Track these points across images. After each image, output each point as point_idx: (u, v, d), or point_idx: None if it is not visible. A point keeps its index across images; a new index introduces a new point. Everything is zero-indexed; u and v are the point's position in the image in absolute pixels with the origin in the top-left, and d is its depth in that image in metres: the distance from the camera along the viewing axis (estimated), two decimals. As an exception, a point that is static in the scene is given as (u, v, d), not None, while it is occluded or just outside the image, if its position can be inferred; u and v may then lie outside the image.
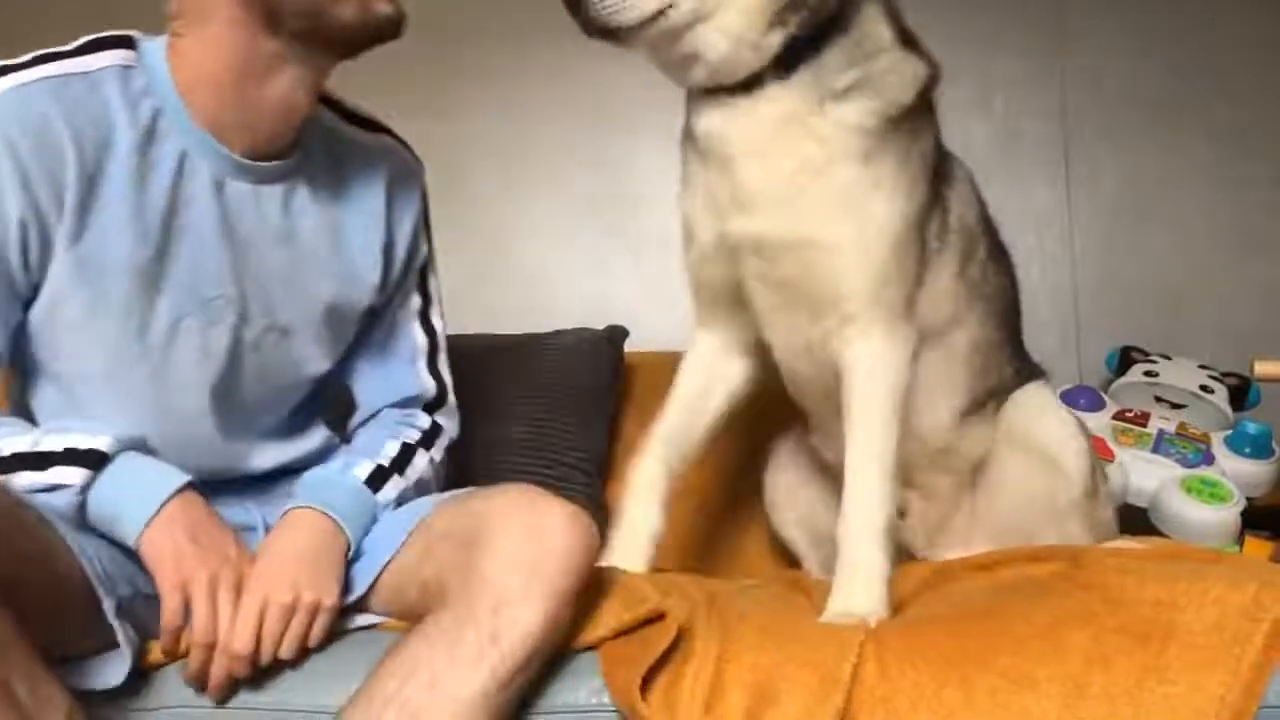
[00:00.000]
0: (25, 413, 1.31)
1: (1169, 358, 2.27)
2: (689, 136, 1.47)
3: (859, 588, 1.34)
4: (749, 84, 1.38)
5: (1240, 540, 1.93)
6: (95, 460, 1.18)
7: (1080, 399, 2.16)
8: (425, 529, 1.26)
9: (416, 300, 1.51)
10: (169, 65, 1.27)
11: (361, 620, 1.28)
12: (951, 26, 2.55)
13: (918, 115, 1.44)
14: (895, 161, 1.40)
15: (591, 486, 1.87)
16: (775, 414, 1.69)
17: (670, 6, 1.33)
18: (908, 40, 1.46)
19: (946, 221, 1.50)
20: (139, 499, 1.17)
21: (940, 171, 1.50)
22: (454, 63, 2.53)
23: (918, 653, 1.16)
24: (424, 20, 1.37)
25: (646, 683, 1.14)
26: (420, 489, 1.41)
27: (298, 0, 1.23)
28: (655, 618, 1.20)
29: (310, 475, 1.35)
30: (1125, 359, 2.29)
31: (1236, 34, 2.54)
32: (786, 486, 1.74)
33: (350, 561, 1.28)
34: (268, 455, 1.42)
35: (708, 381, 1.58)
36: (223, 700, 1.18)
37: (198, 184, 1.28)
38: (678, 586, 1.33)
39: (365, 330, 1.48)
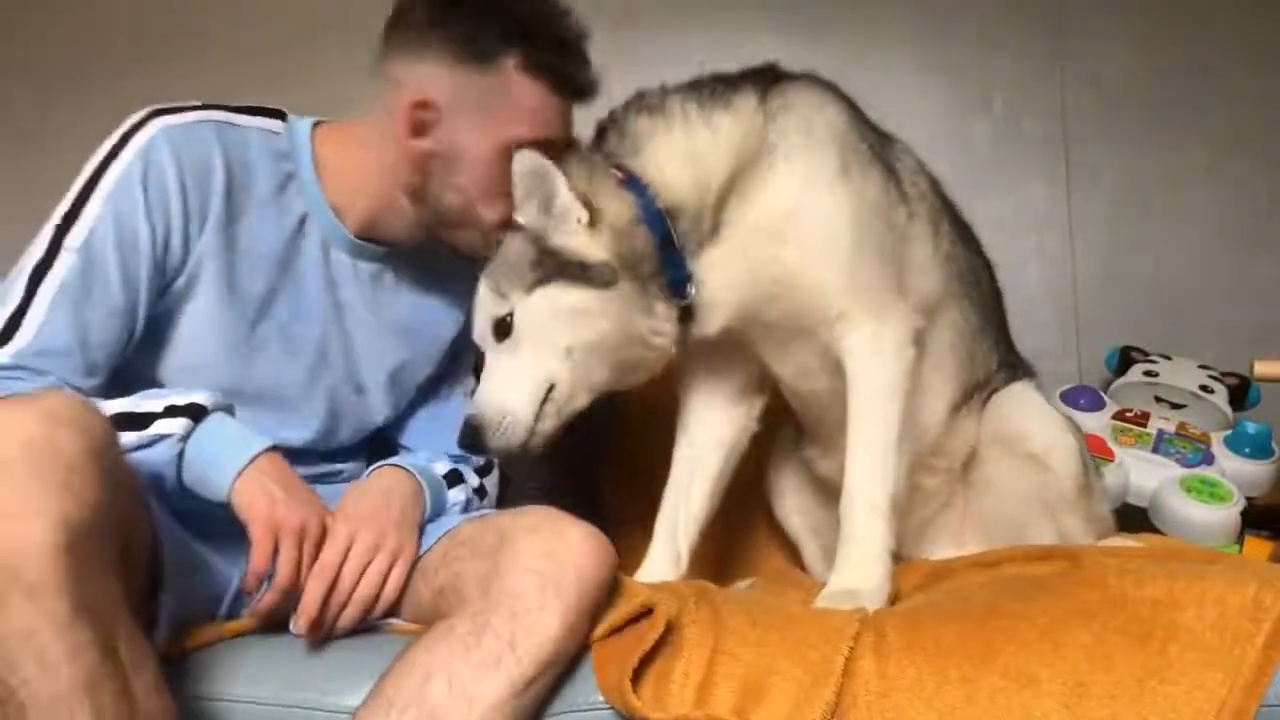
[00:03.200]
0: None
1: (1169, 358, 2.27)
2: None
3: (862, 562, 1.34)
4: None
5: (1240, 540, 1.93)
6: (195, 412, 1.24)
7: (1080, 399, 2.16)
8: (448, 538, 1.31)
9: (470, 382, 1.59)
10: (313, 140, 1.43)
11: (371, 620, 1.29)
12: (951, 26, 2.57)
13: (788, 117, 1.40)
14: (801, 166, 1.39)
15: (592, 488, 1.87)
16: (780, 409, 1.69)
17: (547, 400, 1.36)
18: (709, 101, 1.40)
19: (904, 190, 1.49)
20: (232, 451, 1.23)
21: (877, 145, 1.48)
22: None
23: (918, 649, 1.16)
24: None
25: (638, 677, 1.15)
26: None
27: (445, 205, 1.39)
28: (644, 613, 1.21)
29: (400, 456, 1.46)
30: (1125, 359, 2.29)
31: (1235, 34, 2.53)
32: (788, 477, 1.75)
33: None
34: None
35: (704, 442, 1.57)
36: (311, 632, 1.22)
37: (311, 243, 1.43)
38: (667, 584, 1.35)
39: (424, 394, 1.58)
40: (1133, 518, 1.96)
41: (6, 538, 0.92)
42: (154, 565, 1.17)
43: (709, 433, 1.57)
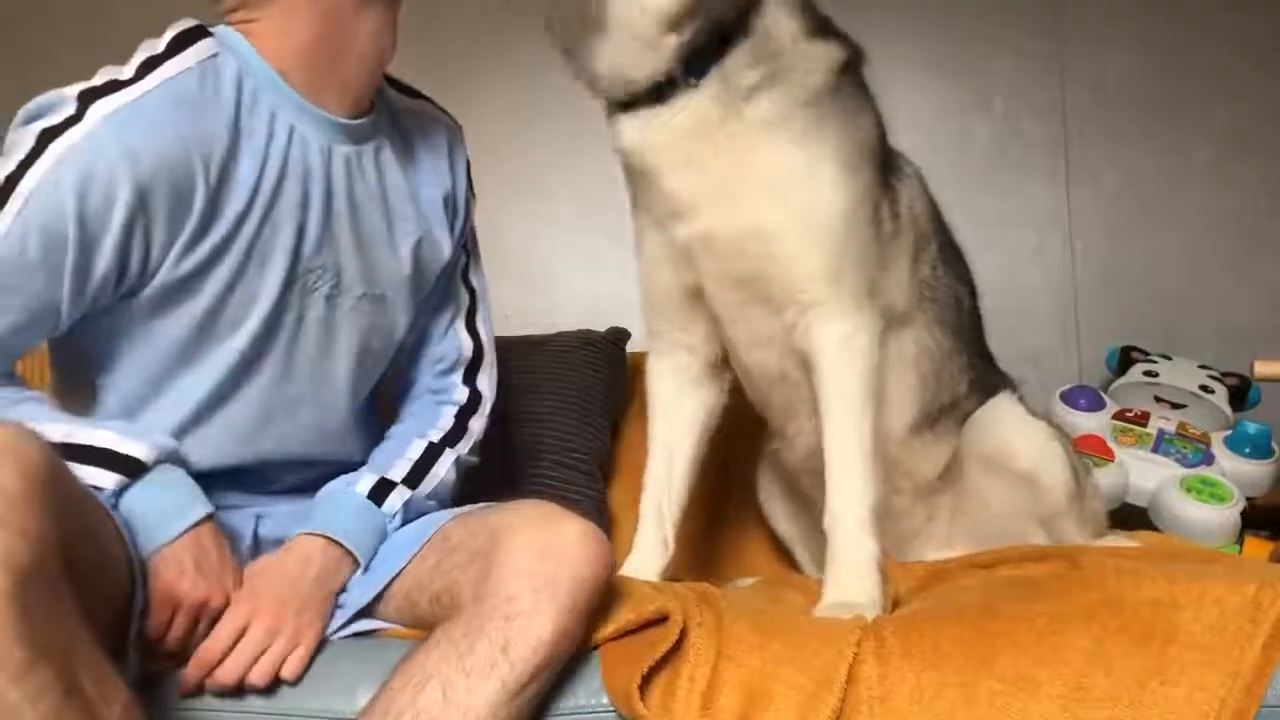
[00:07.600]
0: (83, 393, 1.31)
1: (1169, 358, 2.27)
2: (617, 153, 1.47)
3: (851, 578, 1.34)
4: (659, 93, 1.37)
5: (1240, 540, 1.93)
6: (132, 468, 1.19)
7: (1080, 399, 2.16)
8: (440, 541, 1.27)
9: (462, 257, 1.53)
10: (252, 47, 1.27)
11: (364, 625, 1.28)
12: (951, 26, 2.57)
13: (844, 96, 1.43)
14: (829, 141, 1.39)
15: (593, 488, 1.87)
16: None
17: None
18: (821, 28, 1.43)
19: (897, 210, 1.49)
20: (164, 519, 1.19)
21: (887, 162, 1.49)
22: (453, 62, 2.53)
23: (917, 654, 1.16)
24: (424, 20, 1.38)
25: (645, 683, 1.15)
26: (439, 490, 1.42)
27: None
28: (658, 619, 1.20)
29: (321, 493, 1.36)
30: (1125, 359, 2.29)
31: (1235, 33, 2.54)
32: (777, 484, 1.74)
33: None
34: (351, 443, 1.43)
35: (677, 426, 1.57)
36: (187, 696, 1.18)
37: (309, 153, 1.30)
38: (669, 587, 1.34)
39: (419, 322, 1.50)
40: (1133, 518, 1.96)
41: None
42: (131, 571, 1.15)
43: (682, 416, 1.57)
